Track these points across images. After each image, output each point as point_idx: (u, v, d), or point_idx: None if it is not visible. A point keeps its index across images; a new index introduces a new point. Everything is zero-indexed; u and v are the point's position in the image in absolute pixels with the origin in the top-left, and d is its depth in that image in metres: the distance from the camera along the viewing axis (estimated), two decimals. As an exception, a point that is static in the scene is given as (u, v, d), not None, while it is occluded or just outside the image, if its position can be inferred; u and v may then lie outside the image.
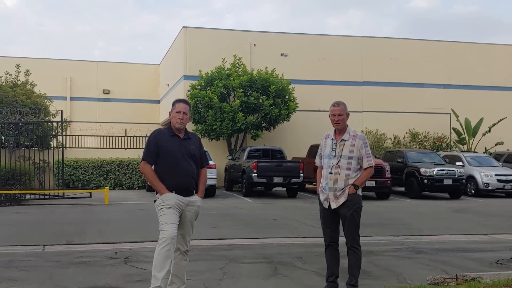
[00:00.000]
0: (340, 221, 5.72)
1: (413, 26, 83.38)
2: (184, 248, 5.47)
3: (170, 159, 5.41)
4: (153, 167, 5.48)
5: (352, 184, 5.59)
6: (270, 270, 7.21)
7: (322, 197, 5.74)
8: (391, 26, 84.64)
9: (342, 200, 5.59)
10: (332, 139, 5.76)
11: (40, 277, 6.77)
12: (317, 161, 5.98)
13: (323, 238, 5.84)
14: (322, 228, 5.85)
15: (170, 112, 5.61)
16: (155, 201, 5.51)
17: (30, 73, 23.92)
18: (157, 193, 5.45)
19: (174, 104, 5.62)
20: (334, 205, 5.62)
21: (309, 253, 8.44)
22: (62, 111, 18.69)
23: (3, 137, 20.86)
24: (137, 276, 6.73)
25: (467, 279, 5.80)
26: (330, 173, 5.64)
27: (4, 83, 23.06)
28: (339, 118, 5.68)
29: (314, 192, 21.88)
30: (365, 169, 5.67)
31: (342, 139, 5.68)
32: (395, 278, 6.68)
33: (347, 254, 5.67)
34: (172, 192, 5.36)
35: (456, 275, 5.98)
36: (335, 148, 5.67)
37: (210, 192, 19.01)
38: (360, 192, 5.67)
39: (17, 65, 23.65)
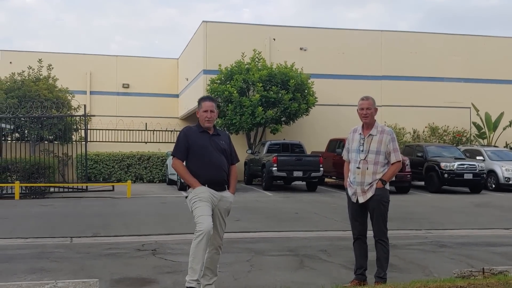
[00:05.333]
0: (368, 215, 5.81)
1: (434, 19, 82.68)
2: (218, 243, 5.50)
3: (202, 154, 5.46)
4: (184, 163, 5.54)
5: (380, 179, 5.67)
6: (296, 262, 7.32)
7: (350, 191, 5.82)
8: (412, 19, 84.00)
9: (369, 194, 5.67)
10: (360, 133, 5.83)
11: (72, 268, 6.94)
12: (344, 155, 6.06)
13: (352, 232, 5.94)
14: (350, 221, 5.94)
15: (197, 111, 5.64)
16: (186, 197, 5.55)
17: (52, 68, 24.19)
18: (189, 187, 5.50)
19: (200, 103, 5.62)
20: (361, 200, 5.71)
21: (334, 246, 8.53)
22: (85, 105, 18.94)
23: (26, 131, 21.17)
24: (167, 268, 6.88)
25: (494, 272, 5.84)
26: (358, 167, 5.72)
27: (27, 78, 23.36)
28: (367, 112, 5.75)
29: (334, 186, 21.98)
30: (392, 164, 5.74)
31: (370, 134, 5.75)
32: (421, 271, 6.75)
33: (375, 247, 5.76)
34: (205, 185, 5.41)
35: (483, 268, 6.02)
36: (363, 143, 5.75)
37: (230, 186, 19.17)
38: (387, 186, 5.76)
39: (40, 59, 23.95)
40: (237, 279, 6.32)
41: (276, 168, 18.81)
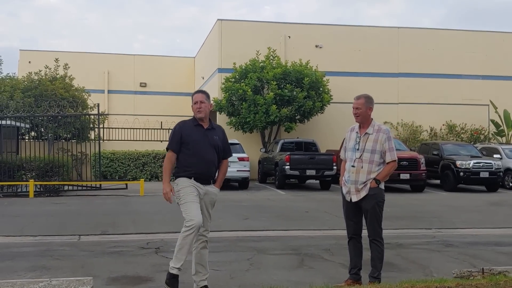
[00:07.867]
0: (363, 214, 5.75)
1: (458, 15, 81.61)
2: (205, 237, 5.58)
3: (194, 148, 5.58)
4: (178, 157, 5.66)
5: (374, 178, 5.59)
6: (296, 261, 7.28)
7: (344, 190, 5.78)
8: (435, 15, 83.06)
9: (363, 193, 5.60)
10: (357, 132, 5.79)
11: (73, 266, 6.99)
12: (341, 154, 6.03)
13: (346, 231, 5.88)
14: (345, 220, 5.90)
15: (192, 106, 5.76)
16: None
17: (68, 67, 24.46)
18: (175, 180, 5.62)
19: (192, 97, 5.80)
20: (355, 199, 5.65)
21: (338, 245, 8.43)
22: (98, 104, 19.03)
23: (42, 130, 21.41)
24: (165, 266, 6.82)
25: (493, 272, 5.74)
26: (353, 166, 5.67)
27: (43, 77, 23.63)
28: (357, 111, 5.73)
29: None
30: (387, 163, 5.66)
31: (366, 133, 5.70)
32: (422, 271, 6.66)
33: (369, 247, 5.70)
34: (191, 178, 5.54)
35: (483, 268, 5.91)
36: (359, 142, 5.70)
37: (243, 185, 19.21)
38: (382, 186, 5.67)
39: (56, 59, 24.22)
40: (233, 278, 6.30)
41: (289, 166, 18.75)
